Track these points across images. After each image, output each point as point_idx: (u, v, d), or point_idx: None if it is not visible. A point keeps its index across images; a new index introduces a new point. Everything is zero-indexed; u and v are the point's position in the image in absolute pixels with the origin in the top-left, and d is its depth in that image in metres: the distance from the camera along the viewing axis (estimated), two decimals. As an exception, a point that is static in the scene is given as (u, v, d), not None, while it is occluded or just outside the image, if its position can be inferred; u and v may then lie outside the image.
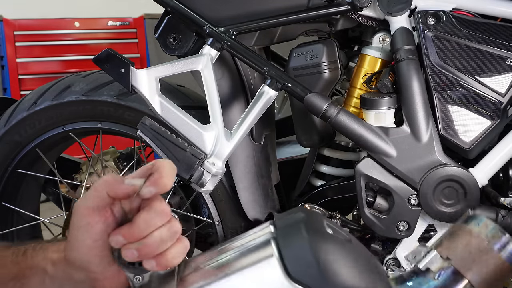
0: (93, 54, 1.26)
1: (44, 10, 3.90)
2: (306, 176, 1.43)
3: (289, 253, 0.56)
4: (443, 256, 0.56)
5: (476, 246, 0.55)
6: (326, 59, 1.26)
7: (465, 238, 0.56)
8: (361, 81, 1.29)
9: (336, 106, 1.18)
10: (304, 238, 0.57)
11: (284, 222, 0.62)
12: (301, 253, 0.55)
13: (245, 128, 1.18)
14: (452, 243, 0.56)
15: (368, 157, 1.21)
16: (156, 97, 1.14)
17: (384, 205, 1.22)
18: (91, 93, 1.40)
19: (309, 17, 1.23)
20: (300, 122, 1.33)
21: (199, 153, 1.12)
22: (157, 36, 1.30)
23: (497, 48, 1.17)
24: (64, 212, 1.52)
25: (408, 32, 1.20)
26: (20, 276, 0.76)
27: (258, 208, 1.35)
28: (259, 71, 1.20)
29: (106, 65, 1.15)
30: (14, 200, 1.54)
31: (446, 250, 0.56)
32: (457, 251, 0.56)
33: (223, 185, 1.35)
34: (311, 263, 0.54)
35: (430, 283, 0.56)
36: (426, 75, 1.19)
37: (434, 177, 1.17)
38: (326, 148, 1.41)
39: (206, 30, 1.21)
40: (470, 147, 1.18)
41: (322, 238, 0.58)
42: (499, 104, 1.17)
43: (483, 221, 0.57)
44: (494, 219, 1.18)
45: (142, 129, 1.11)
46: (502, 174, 1.24)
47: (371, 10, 1.24)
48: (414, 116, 1.18)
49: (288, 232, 0.59)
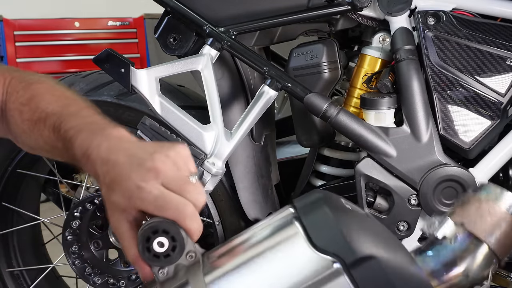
0: (93, 54, 1.26)
1: (44, 10, 3.90)
2: (306, 176, 1.43)
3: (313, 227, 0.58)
4: (456, 223, 0.59)
5: (486, 209, 0.59)
6: (326, 59, 1.26)
7: (475, 204, 0.60)
8: (361, 81, 1.29)
9: (336, 106, 1.18)
10: (326, 213, 0.59)
11: (303, 202, 0.64)
12: (324, 225, 0.58)
13: (245, 128, 1.18)
14: (464, 210, 0.60)
15: (368, 157, 1.21)
16: (156, 97, 1.14)
17: (384, 205, 1.22)
18: (91, 93, 1.40)
19: (309, 17, 1.23)
20: (300, 122, 1.33)
21: (199, 153, 1.12)
22: (157, 36, 1.30)
23: (497, 48, 1.17)
24: (64, 212, 1.52)
25: (408, 32, 1.20)
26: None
27: (258, 208, 1.35)
28: (259, 71, 1.20)
29: (106, 65, 1.15)
30: (14, 200, 1.54)
31: (459, 216, 0.60)
32: (470, 216, 0.60)
33: (223, 185, 1.35)
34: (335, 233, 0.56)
35: (447, 248, 0.59)
36: (426, 75, 1.19)
37: (434, 177, 1.17)
38: (326, 148, 1.41)
39: (206, 30, 1.21)
40: (470, 147, 1.18)
41: (343, 211, 0.62)
42: (499, 104, 1.17)
43: (491, 188, 0.61)
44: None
45: (142, 129, 1.11)
46: (502, 174, 1.24)
47: (371, 10, 1.24)
48: (414, 116, 1.18)
49: (310, 210, 0.61)
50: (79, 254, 1.43)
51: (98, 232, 1.44)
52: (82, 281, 1.46)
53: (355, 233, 0.57)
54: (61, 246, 1.45)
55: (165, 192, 0.67)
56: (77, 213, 1.40)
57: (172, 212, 0.66)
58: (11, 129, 0.89)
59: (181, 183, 0.68)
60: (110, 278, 1.43)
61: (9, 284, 1.56)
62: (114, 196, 0.70)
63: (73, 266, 1.43)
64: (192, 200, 0.67)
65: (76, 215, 1.40)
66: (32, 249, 1.64)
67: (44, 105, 0.83)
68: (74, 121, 0.79)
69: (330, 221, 0.58)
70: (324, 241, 0.55)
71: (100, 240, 1.44)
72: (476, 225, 0.59)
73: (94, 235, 1.44)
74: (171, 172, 0.68)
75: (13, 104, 0.86)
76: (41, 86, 0.87)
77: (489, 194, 0.61)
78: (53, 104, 0.83)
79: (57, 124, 0.80)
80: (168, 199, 0.66)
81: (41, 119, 0.82)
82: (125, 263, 1.45)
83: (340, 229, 0.56)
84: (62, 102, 0.84)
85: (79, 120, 0.79)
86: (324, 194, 0.65)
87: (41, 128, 0.82)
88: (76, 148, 0.75)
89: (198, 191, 0.69)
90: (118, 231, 0.71)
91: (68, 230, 1.42)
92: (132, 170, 0.68)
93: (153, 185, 0.67)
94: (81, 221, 1.41)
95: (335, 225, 0.57)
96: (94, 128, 0.76)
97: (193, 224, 0.66)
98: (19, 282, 1.57)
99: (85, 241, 1.43)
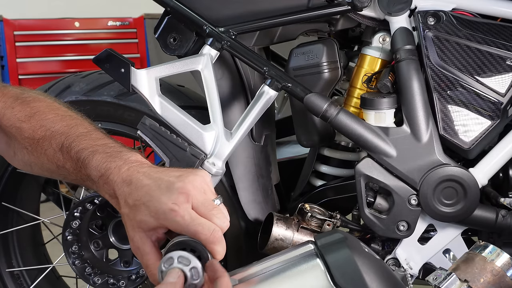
0: (93, 54, 1.26)
1: (44, 10, 3.90)
2: (306, 176, 1.43)
3: (336, 266, 0.62)
4: (461, 279, 0.65)
5: (490, 271, 0.64)
6: (326, 59, 1.26)
7: (480, 263, 0.65)
8: (361, 81, 1.29)
9: (336, 106, 1.18)
10: (347, 253, 0.64)
11: (325, 240, 0.69)
12: (346, 265, 0.62)
13: (245, 128, 1.18)
14: (469, 267, 0.66)
15: (368, 157, 1.21)
16: (156, 97, 1.14)
17: (384, 205, 1.22)
18: (91, 93, 1.40)
19: (309, 17, 1.23)
20: (300, 122, 1.33)
21: (199, 153, 1.12)
22: (157, 36, 1.30)
23: (497, 48, 1.17)
24: (64, 212, 1.52)
25: (408, 32, 1.20)
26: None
27: (258, 208, 1.35)
28: (259, 71, 1.20)
29: (106, 65, 1.15)
30: (14, 200, 1.54)
31: (464, 273, 0.65)
32: (474, 274, 0.64)
33: (223, 185, 1.35)
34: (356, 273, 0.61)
35: None
36: (426, 75, 1.19)
37: (434, 177, 1.17)
38: (326, 148, 1.40)
39: (206, 30, 1.21)
40: (470, 147, 1.18)
41: (363, 253, 0.67)
42: (499, 104, 1.17)
43: (495, 250, 0.67)
44: (494, 219, 1.19)
45: (142, 129, 1.11)
46: (502, 174, 1.24)
47: (371, 10, 1.23)
48: (414, 116, 1.18)
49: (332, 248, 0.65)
50: (79, 254, 1.43)
51: (98, 232, 1.44)
52: (82, 281, 1.46)
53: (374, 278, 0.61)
54: (61, 246, 1.45)
55: (197, 217, 0.70)
56: (77, 213, 1.40)
57: (203, 236, 0.69)
58: (9, 145, 0.89)
59: (210, 208, 0.72)
60: (110, 278, 1.43)
61: (9, 284, 1.56)
62: (140, 216, 0.72)
63: (73, 266, 1.43)
64: (219, 225, 0.71)
65: (76, 215, 1.40)
66: (32, 249, 1.64)
67: (48, 123, 0.84)
68: (86, 142, 0.80)
69: (352, 263, 0.62)
70: (345, 282, 0.60)
71: (100, 240, 1.44)
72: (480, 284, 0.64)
73: (94, 235, 1.44)
74: (200, 196, 0.72)
75: (9, 121, 0.85)
76: (41, 104, 0.87)
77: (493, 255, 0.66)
78: (58, 123, 0.84)
79: (66, 144, 0.81)
80: (201, 225, 0.69)
81: (46, 138, 0.82)
82: (125, 263, 1.45)
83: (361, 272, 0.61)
84: (68, 122, 0.85)
85: (91, 141, 0.81)
86: (345, 235, 0.70)
87: (45, 146, 0.83)
88: (91, 169, 0.77)
89: (224, 215, 0.73)
90: (141, 250, 0.74)
91: (68, 230, 1.42)
92: (162, 193, 0.71)
93: (186, 209, 0.70)
94: (81, 221, 1.41)
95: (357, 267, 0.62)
96: (110, 150, 0.79)
97: (220, 247, 0.70)
98: (19, 282, 1.57)
99: (85, 241, 1.43)
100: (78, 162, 0.79)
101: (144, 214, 0.71)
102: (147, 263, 0.73)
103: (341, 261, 0.63)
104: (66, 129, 0.83)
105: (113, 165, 0.76)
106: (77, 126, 0.84)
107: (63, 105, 0.90)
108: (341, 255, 0.64)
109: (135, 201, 0.72)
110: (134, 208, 0.72)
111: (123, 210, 0.74)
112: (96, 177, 0.77)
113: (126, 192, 0.73)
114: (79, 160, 0.79)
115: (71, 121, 0.85)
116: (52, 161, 0.83)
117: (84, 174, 0.79)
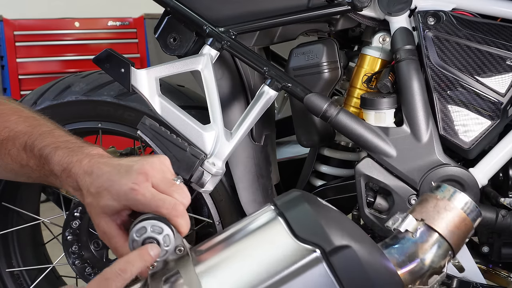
0: (93, 54, 1.26)
1: (44, 10, 3.90)
2: (306, 176, 1.43)
3: (295, 220, 0.65)
4: (417, 218, 0.67)
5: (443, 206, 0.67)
6: (326, 59, 1.26)
7: (433, 202, 0.68)
8: (361, 81, 1.29)
9: (336, 106, 1.18)
10: (306, 206, 0.67)
11: (283, 199, 0.72)
12: (305, 219, 0.65)
13: (245, 128, 1.18)
14: (423, 207, 0.68)
15: (368, 157, 1.21)
16: (156, 97, 1.14)
17: (384, 205, 1.22)
18: (91, 93, 1.40)
19: (309, 17, 1.23)
20: (300, 122, 1.33)
21: (199, 153, 1.12)
22: (157, 36, 1.30)
23: (497, 48, 1.17)
24: (64, 212, 1.52)
25: (408, 32, 1.20)
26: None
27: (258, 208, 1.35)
28: (259, 71, 1.20)
29: (106, 65, 1.15)
30: (14, 200, 1.54)
31: (419, 213, 0.68)
32: (428, 212, 0.67)
33: (223, 185, 1.35)
34: (315, 225, 0.63)
35: (410, 241, 0.66)
36: (426, 75, 1.19)
37: (434, 177, 1.17)
38: (326, 148, 1.41)
39: (206, 30, 1.21)
40: (470, 147, 1.18)
41: (321, 207, 0.70)
42: (499, 104, 1.17)
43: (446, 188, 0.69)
44: (494, 219, 1.19)
45: (142, 129, 1.11)
46: (502, 174, 1.24)
47: (371, 10, 1.24)
48: (414, 116, 1.18)
49: (291, 206, 0.68)
50: (79, 254, 1.43)
51: (98, 232, 1.44)
52: (82, 281, 1.46)
53: (332, 225, 0.63)
54: (61, 246, 1.45)
55: (157, 193, 0.73)
56: (77, 213, 1.41)
57: (165, 211, 0.71)
58: None
59: (169, 185, 0.74)
60: (110, 278, 1.42)
61: (9, 284, 1.56)
62: (103, 201, 0.74)
63: (73, 266, 1.43)
64: (180, 200, 0.73)
65: (76, 215, 1.41)
66: (32, 249, 1.64)
67: (11, 125, 0.86)
68: (49, 139, 0.83)
69: (311, 215, 0.65)
70: (305, 232, 0.62)
71: (100, 240, 1.44)
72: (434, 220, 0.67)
73: (94, 235, 1.44)
74: (158, 175, 0.75)
75: None
76: (4, 107, 0.91)
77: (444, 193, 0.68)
78: (21, 124, 0.86)
79: (29, 143, 0.83)
80: (162, 200, 0.72)
81: (9, 138, 0.85)
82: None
83: (320, 222, 0.63)
84: (31, 122, 0.87)
85: (53, 138, 0.83)
86: (303, 193, 0.72)
87: (9, 147, 0.85)
88: (54, 164, 0.79)
89: (184, 191, 0.75)
90: (107, 234, 0.76)
91: (68, 230, 1.42)
92: (122, 176, 0.73)
93: (146, 187, 0.72)
94: (81, 221, 1.41)
95: (315, 218, 0.64)
96: (72, 146, 0.81)
97: (184, 221, 0.72)
98: (19, 282, 1.57)
99: (85, 241, 1.43)
100: (41, 159, 0.81)
101: (107, 198, 0.73)
102: (116, 246, 0.76)
103: (300, 215, 0.66)
104: (29, 129, 0.85)
105: (75, 158, 0.78)
106: (40, 125, 0.87)
107: (26, 109, 0.93)
108: (299, 209, 0.67)
109: (97, 188, 0.74)
110: (97, 195, 0.74)
111: (86, 200, 0.76)
112: (59, 171, 0.79)
113: (88, 182, 0.75)
114: (42, 157, 0.81)
115: (34, 121, 0.88)
116: (16, 161, 0.85)
117: (47, 170, 0.81)
